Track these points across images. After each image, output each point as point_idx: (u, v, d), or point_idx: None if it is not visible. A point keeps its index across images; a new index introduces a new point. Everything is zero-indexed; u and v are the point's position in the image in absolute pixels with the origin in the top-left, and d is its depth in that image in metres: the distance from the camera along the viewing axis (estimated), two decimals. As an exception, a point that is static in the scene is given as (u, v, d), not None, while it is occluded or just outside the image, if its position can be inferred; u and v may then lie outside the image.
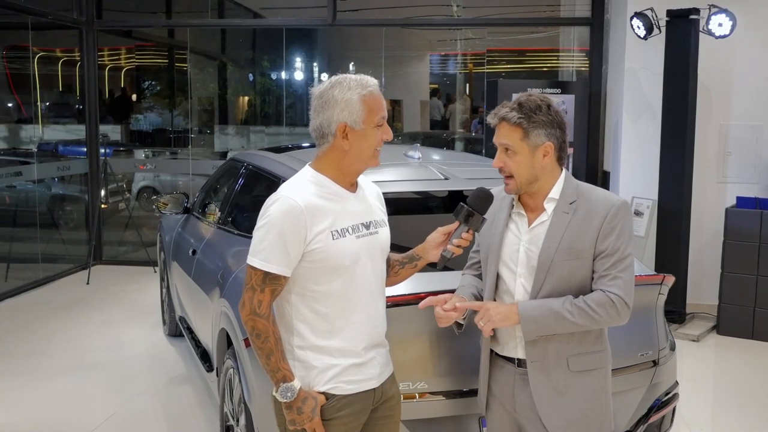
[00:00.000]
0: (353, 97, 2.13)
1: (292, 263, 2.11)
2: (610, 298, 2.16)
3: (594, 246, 2.20)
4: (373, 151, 2.20)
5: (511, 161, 2.23)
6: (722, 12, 5.70)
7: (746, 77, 6.33)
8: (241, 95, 11.49)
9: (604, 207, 2.22)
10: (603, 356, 2.31)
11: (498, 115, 2.25)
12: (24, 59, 8.21)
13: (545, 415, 2.25)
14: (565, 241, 2.20)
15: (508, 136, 2.23)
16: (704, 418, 4.43)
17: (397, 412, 2.38)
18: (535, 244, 2.25)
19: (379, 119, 2.17)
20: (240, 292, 3.22)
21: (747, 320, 5.86)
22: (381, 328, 2.28)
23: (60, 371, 4.96)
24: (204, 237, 4.43)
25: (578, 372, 2.26)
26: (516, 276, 2.28)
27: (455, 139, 10.16)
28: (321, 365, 2.18)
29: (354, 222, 2.20)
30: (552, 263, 2.20)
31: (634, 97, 6.56)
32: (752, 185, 6.31)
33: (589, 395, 2.27)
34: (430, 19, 9.14)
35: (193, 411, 4.35)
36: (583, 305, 2.17)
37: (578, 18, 7.95)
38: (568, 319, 2.16)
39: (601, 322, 2.19)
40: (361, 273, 2.20)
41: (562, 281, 2.21)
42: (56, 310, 6.45)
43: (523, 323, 2.18)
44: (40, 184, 8.26)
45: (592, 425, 2.28)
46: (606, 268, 2.19)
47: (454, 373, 2.68)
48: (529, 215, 2.30)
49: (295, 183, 2.19)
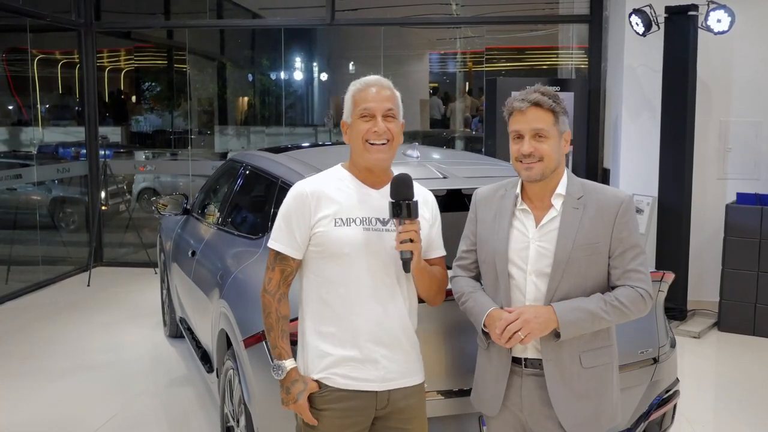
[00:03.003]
0: (348, 93, 2.31)
1: (297, 245, 2.25)
2: (640, 293, 2.21)
3: (609, 241, 2.22)
4: (363, 144, 2.23)
5: (543, 145, 2.20)
6: (721, 8, 5.69)
7: (746, 73, 6.32)
8: (241, 96, 11.49)
9: (615, 202, 2.24)
10: (611, 351, 2.33)
11: (528, 99, 2.22)
12: (23, 62, 8.21)
13: (562, 413, 2.23)
14: (580, 236, 2.20)
15: (542, 120, 2.21)
16: (706, 414, 4.43)
17: (416, 427, 2.32)
18: (548, 241, 2.23)
19: (361, 109, 2.24)
20: (239, 294, 3.25)
21: (748, 317, 5.85)
22: (391, 329, 2.25)
23: (61, 373, 4.96)
24: (203, 238, 4.43)
25: (589, 368, 2.26)
26: (526, 274, 2.25)
27: (455, 137, 10.15)
28: (318, 352, 2.23)
29: (368, 215, 2.23)
30: (569, 260, 2.19)
31: (634, 94, 6.55)
32: (752, 181, 6.29)
33: (600, 390, 2.29)
34: (428, 18, 9.12)
35: (193, 412, 4.35)
36: (617, 303, 2.20)
37: (577, 15, 7.94)
38: (605, 318, 2.20)
39: (631, 316, 2.24)
40: (364, 265, 2.21)
41: (580, 277, 2.21)
42: (57, 312, 6.45)
43: (562, 328, 2.17)
44: (40, 186, 8.26)
45: (604, 419, 2.30)
46: (628, 263, 2.23)
47: (453, 371, 2.68)
48: (535, 213, 2.27)
49: (317, 174, 2.37)
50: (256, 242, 3.50)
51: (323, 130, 10.49)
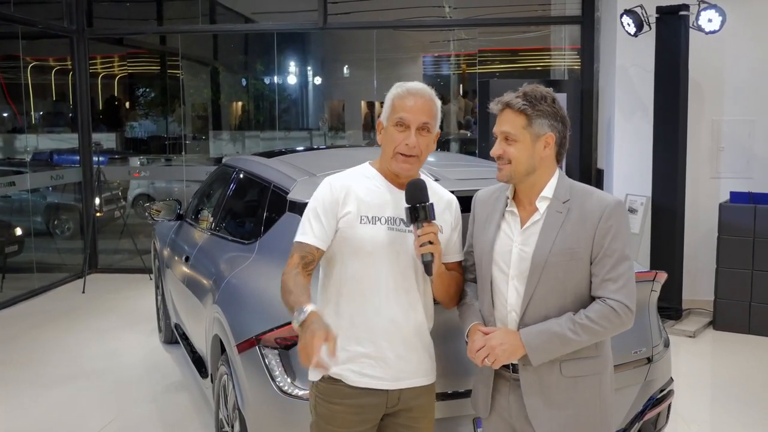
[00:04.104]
0: (390, 94, 2.31)
1: (320, 234, 2.24)
2: (612, 306, 2.10)
3: (590, 247, 2.14)
4: (393, 152, 2.25)
5: (511, 148, 2.16)
6: (711, 8, 5.71)
7: (737, 72, 6.33)
8: (235, 100, 11.49)
9: (599, 207, 2.15)
10: (598, 362, 2.23)
11: (502, 101, 2.20)
12: (16, 69, 8.20)
13: (536, 420, 2.19)
14: (559, 241, 2.13)
15: (511, 123, 2.16)
16: (701, 413, 4.43)
17: (423, 426, 2.35)
18: (528, 244, 2.17)
19: (397, 118, 2.24)
20: (232, 299, 3.24)
21: (743, 315, 5.86)
22: (406, 329, 2.27)
23: (57, 380, 4.95)
24: (197, 243, 4.43)
25: (571, 378, 2.19)
26: (508, 278, 2.21)
27: (450, 139, 10.16)
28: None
29: (393, 215, 2.26)
30: (546, 264, 2.13)
31: (626, 94, 6.56)
32: (745, 180, 6.30)
33: (581, 401, 2.20)
34: (420, 21, 9.13)
35: (189, 417, 4.34)
36: (586, 321, 2.10)
37: (569, 17, 7.97)
38: (574, 339, 2.11)
39: (607, 333, 2.15)
40: (386, 263, 2.23)
41: (558, 282, 2.14)
42: (52, 320, 6.44)
43: (530, 354, 2.12)
44: (34, 193, 8.24)
45: (586, 430, 2.23)
46: (606, 272, 2.13)
47: (448, 374, 2.67)
48: (522, 215, 2.23)
49: (345, 171, 2.37)
50: (248, 247, 3.50)
51: (318, 133, 10.49)
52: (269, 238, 3.35)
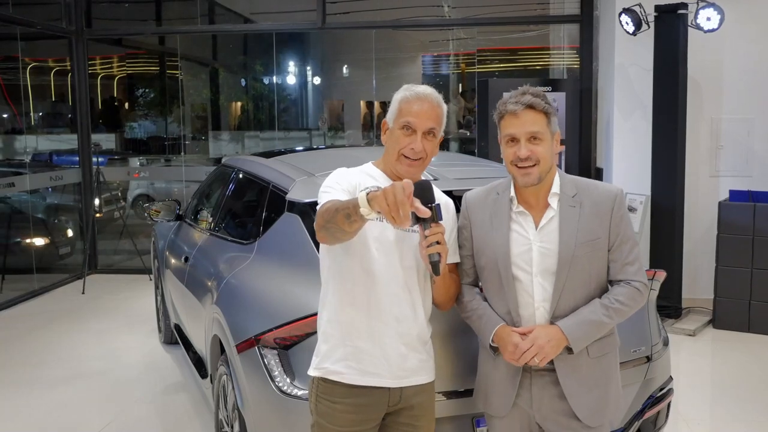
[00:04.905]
0: (397, 96, 2.33)
1: (344, 190, 2.22)
2: (636, 287, 2.27)
3: (608, 235, 2.27)
4: (398, 155, 2.27)
5: (539, 148, 2.21)
6: (710, 6, 5.71)
7: (736, 71, 6.33)
8: (234, 101, 11.48)
9: (608, 197, 2.28)
10: (613, 339, 2.39)
11: (522, 102, 2.21)
12: (15, 70, 8.20)
13: (576, 404, 2.27)
14: (581, 234, 2.23)
15: (538, 123, 2.21)
16: (701, 412, 4.43)
17: (424, 425, 2.36)
18: (549, 241, 2.25)
19: (404, 121, 2.26)
20: (231, 300, 3.24)
21: (743, 313, 5.87)
22: (408, 327, 2.28)
23: (56, 381, 4.95)
24: (196, 244, 4.43)
25: (596, 358, 2.31)
26: (532, 276, 2.27)
27: (449, 139, 10.16)
28: (335, 341, 2.25)
29: None
30: (573, 257, 2.22)
31: (625, 93, 6.56)
32: (745, 178, 6.31)
33: (607, 379, 2.34)
34: (419, 20, 9.13)
35: (189, 418, 4.34)
36: (618, 305, 2.25)
37: (567, 15, 7.96)
38: (608, 323, 2.26)
39: (632, 312, 2.30)
40: (391, 262, 2.24)
41: (584, 273, 2.25)
42: (52, 320, 6.44)
43: (573, 344, 2.23)
44: (34, 194, 8.23)
45: (611, 406, 2.36)
46: (625, 256, 2.28)
47: (448, 373, 2.67)
48: (533, 214, 2.28)
49: (348, 169, 2.38)
50: (247, 247, 3.50)
51: (317, 133, 10.49)
52: (268, 238, 3.35)
